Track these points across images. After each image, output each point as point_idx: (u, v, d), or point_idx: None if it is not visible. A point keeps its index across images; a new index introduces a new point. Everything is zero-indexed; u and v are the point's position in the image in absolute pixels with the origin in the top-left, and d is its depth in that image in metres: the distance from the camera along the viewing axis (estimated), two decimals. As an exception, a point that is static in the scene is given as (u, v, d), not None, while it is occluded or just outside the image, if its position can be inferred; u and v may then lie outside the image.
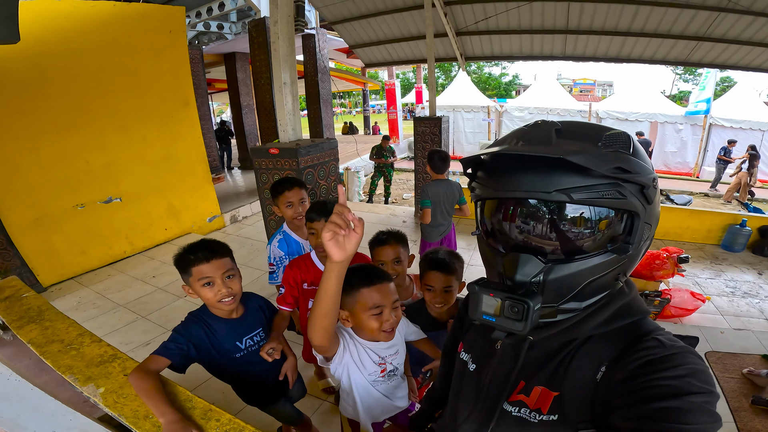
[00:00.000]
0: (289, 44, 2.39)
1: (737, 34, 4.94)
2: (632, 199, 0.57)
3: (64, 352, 1.27)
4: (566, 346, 0.65)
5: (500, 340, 0.72)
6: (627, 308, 0.64)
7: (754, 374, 2.49)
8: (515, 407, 0.68)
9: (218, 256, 1.30)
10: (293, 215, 1.89)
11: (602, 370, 0.60)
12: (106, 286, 4.00)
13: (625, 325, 0.63)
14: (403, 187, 9.87)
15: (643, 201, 0.58)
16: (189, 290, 1.32)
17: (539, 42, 6.33)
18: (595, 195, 0.55)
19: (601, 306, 0.63)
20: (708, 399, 0.50)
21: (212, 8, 6.80)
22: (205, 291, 1.29)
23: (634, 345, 0.59)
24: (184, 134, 5.21)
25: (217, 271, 1.29)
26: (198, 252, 1.28)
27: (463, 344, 0.87)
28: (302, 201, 1.91)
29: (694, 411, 0.49)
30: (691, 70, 26.60)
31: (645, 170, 0.58)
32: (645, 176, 0.57)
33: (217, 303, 1.31)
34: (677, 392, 0.50)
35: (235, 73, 9.07)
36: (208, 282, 1.28)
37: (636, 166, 0.57)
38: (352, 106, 43.08)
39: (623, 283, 0.67)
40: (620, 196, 0.56)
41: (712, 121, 10.24)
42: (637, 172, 0.56)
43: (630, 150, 0.58)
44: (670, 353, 0.55)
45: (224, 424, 0.95)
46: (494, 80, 32.45)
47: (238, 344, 1.40)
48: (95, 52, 4.06)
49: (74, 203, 4.14)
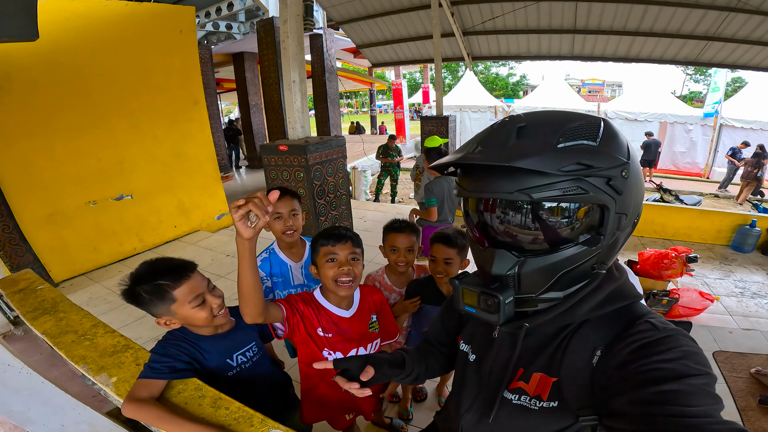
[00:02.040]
0: (298, 43, 2.41)
1: (747, 34, 4.89)
2: (597, 192, 0.56)
3: (77, 343, 1.30)
4: (561, 332, 0.67)
5: (497, 328, 0.74)
6: (618, 292, 0.66)
7: (762, 374, 2.47)
8: (515, 395, 0.69)
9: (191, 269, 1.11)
10: (282, 229, 1.57)
11: (597, 355, 0.61)
12: (117, 282, 4.05)
13: (618, 309, 0.64)
14: (409, 187, 9.86)
15: (611, 192, 0.57)
16: (168, 321, 1.09)
17: (546, 42, 6.31)
18: (556, 192, 0.56)
19: (593, 291, 0.64)
20: (707, 381, 0.51)
21: (221, 8, 6.87)
22: (198, 311, 1.09)
23: (627, 329, 0.60)
24: (194, 133, 5.26)
25: (202, 285, 1.11)
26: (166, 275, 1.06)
27: (462, 336, 0.88)
28: (293, 213, 1.58)
29: (696, 393, 0.49)
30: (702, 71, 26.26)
31: (612, 161, 0.57)
32: (610, 168, 0.56)
33: (214, 319, 1.14)
34: (675, 375, 0.51)
35: (244, 72, 9.15)
36: (201, 302, 1.09)
37: (599, 159, 0.56)
38: (359, 106, 43.15)
39: (615, 269, 0.69)
40: (582, 192, 0.56)
41: (722, 121, 10.10)
42: (598, 166, 0.56)
43: (597, 140, 0.57)
44: (663, 336, 0.56)
45: (233, 412, 0.97)
46: (501, 80, 32.30)
47: (229, 362, 1.21)
48: (108, 52, 4.13)
49: (86, 200, 4.21)
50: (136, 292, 1.04)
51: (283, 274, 1.66)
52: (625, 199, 0.59)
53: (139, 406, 0.97)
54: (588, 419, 0.63)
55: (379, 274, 1.83)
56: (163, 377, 1.05)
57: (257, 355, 1.29)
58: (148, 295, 1.04)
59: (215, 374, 1.17)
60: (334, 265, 1.22)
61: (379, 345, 1.45)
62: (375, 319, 1.44)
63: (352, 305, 1.35)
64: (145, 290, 1.03)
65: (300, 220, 1.61)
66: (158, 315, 1.08)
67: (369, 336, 1.39)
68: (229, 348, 1.22)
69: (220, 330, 1.20)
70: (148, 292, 1.03)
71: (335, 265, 1.22)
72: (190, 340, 1.15)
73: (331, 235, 1.26)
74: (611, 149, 0.58)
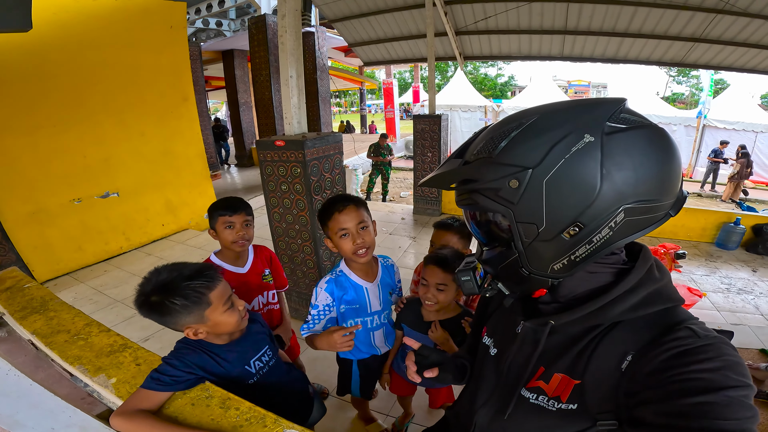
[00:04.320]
0: (296, 38, 2.38)
1: (733, 36, 5.00)
2: (487, 203, 0.60)
3: (71, 343, 1.24)
4: (590, 332, 0.63)
5: (522, 323, 0.72)
6: (657, 294, 0.61)
7: (753, 368, 2.53)
8: (533, 394, 0.67)
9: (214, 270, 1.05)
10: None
11: (628, 360, 0.57)
12: (103, 281, 3.95)
13: (655, 312, 0.60)
14: (400, 186, 9.88)
15: (503, 202, 0.58)
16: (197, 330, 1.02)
17: (538, 42, 6.36)
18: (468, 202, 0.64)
19: (629, 290, 0.60)
20: (746, 393, 0.48)
21: (212, 5, 6.78)
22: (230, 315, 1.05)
23: (664, 334, 0.56)
24: (183, 130, 5.17)
25: (228, 288, 1.07)
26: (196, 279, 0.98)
27: (487, 328, 0.87)
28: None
29: (733, 405, 0.46)
30: (685, 72, 26.95)
31: (499, 172, 0.57)
32: (494, 180, 0.57)
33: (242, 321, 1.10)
34: (714, 386, 0.47)
35: (233, 70, 9.03)
36: (231, 305, 1.05)
37: (486, 172, 0.58)
38: (348, 105, 43.02)
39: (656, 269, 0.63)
40: (473, 203, 0.63)
41: (705, 122, 10.38)
42: (480, 179, 0.59)
43: (496, 150, 0.58)
44: (705, 344, 0.52)
45: (244, 413, 0.92)
46: (490, 81, 32.58)
47: (248, 369, 1.17)
48: (96, 47, 4.02)
49: (71, 198, 4.09)
50: (160, 301, 0.95)
51: (360, 300, 1.46)
52: (528, 207, 0.57)
53: (131, 419, 0.89)
54: (606, 424, 0.60)
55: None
56: (167, 389, 0.97)
57: (273, 359, 1.25)
58: (181, 300, 0.95)
59: (236, 383, 1.11)
60: (232, 231, 1.55)
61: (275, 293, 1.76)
62: (268, 272, 1.72)
63: (246, 263, 1.66)
64: (176, 296, 0.95)
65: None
66: (186, 324, 1.00)
67: (264, 286, 1.70)
68: (245, 355, 1.17)
69: (234, 336, 1.15)
70: (181, 297, 0.95)
71: (233, 231, 1.55)
72: (207, 349, 1.08)
73: (228, 206, 1.56)
74: (510, 158, 0.56)
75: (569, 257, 0.58)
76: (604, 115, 0.54)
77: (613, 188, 0.53)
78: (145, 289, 0.96)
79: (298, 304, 3.09)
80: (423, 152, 5.79)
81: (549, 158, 0.53)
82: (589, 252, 0.57)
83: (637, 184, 0.53)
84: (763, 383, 2.45)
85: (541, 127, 0.55)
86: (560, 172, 0.53)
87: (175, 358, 1.03)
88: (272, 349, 1.27)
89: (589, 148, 0.52)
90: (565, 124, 0.54)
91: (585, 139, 0.52)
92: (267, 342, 1.26)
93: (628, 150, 0.52)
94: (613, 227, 0.55)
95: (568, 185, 0.54)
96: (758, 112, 10.44)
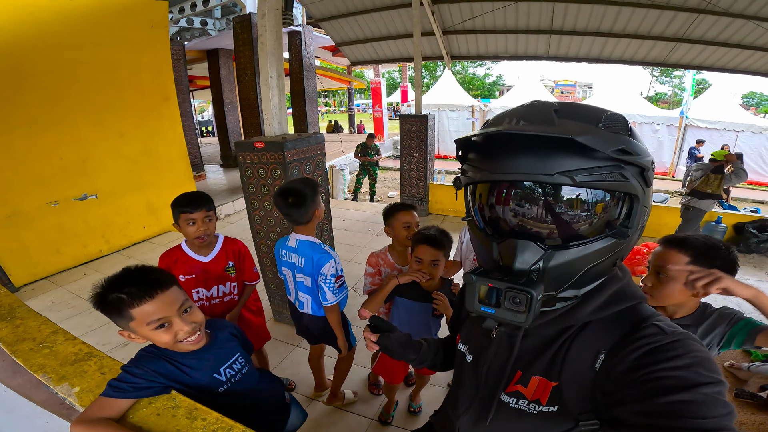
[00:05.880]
0: (276, 38, 2.34)
1: (715, 36, 5.10)
2: (633, 181, 0.55)
3: (36, 351, 1.20)
4: (562, 334, 0.63)
5: (494, 329, 0.71)
6: (622, 293, 0.62)
7: (736, 367, 2.54)
8: (513, 398, 0.67)
9: (164, 286, 0.99)
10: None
11: (601, 359, 0.58)
12: (82, 285, 3.86)
13: (621, 310, 0.61)
14: (388, 186, 9.86)
15: (643, 184, 0.57)
16: (131, 335, 0.99)
17: (524, 42, 6.41)
18: (598, 177, 0.53)
19: (595, 291, 0.61)
20: (719, 389, 0.48)
21: (196, 4, 6.66)
22: (158, 334, 0.98)
23: (633, 332, 0.57)
24: (165, 130, 5.08)
25: (171, 308, 0.98)
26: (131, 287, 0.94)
27: (460, 336, 0.86)
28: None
29: (708, 403, 0.46)
30: (668, 72, 27.50)
31: (645, 152, 0.57)
32: (645, 159, 0.56)
33: (179, 344, 1.02)
34: (687, 384, 0.48)
35: (218, 69, 8.89)
36: (161, 324, 0.97)
37: (637, 148, 0.55)
38: (337, 105, 42.89)
39: (618, 269, 0.66)
40: (622, 179, 0.54)
41: (687, 122, 10.59)
42: (638, 154, 0.55)
43: (629, 132, 0.57)
44: (672, 340, 0.53)
45: (211, 423, 0.89)
46: (478, 80, 32.83)
47: (217, 377, 1.12)
48: (74, 46, 3.92)
49: (47, 200, 3.98)
50: (102, 299, 0.93)
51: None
52: (650, 193, 0.59)
53: (92, 427, 0.87)
54: (588, 424, 0.60)
55: (383, 252, 1.95)
56: (125, 396, 0.93)
57: (245, 367, 1.21)
58: (107, 305, 0.93)
59: (204, 392, 1.08)
60: (194, 227, 1.65)
61: (238, 285, 1.87)
62: (232, 264, 1.82)
63: (211, 253, 1.77)
64: (107, 299, 0.93)
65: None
66: (120, 327, 0.98)
67: (225, 277, 1.80)
68: (214, 363, 1.13)
69: (199, 345, 1.10)
70: (108, 302, 0.93)
71: (195, 227, 1.65)
72: (168, 357, 1.04)
73: (189, 203, 1.64)
74: (640, 142, 0.57)
75: None
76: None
77: None
78: (101, 282, 0.96)
79: (281, 306, 3.05)
80: (409, 152, 5.78)
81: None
82: None
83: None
84: (746, 383, 2.47)
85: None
86: None
87: (133, 365, 1.00)
88: (244, 356, 1.23)
89: None
90: None
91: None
92: (238, 349, 1.22)
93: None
94: None
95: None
96: (739, 112, 10.70)
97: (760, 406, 2.29)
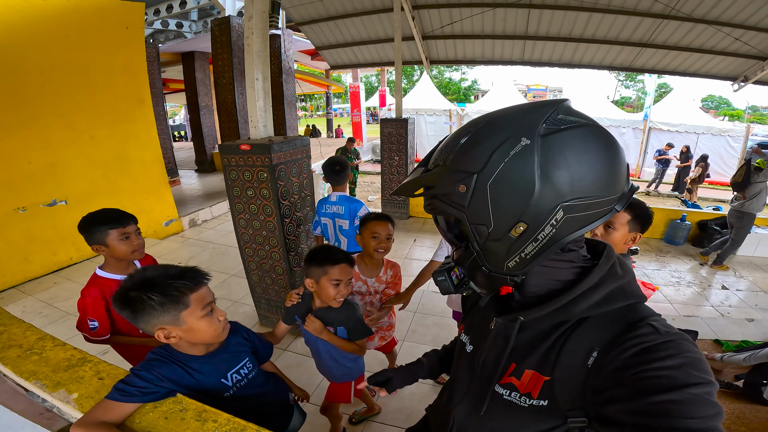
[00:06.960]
0: (263, 40, 2.33)
1: (677, 41, 5.39)
2: (444, 207, 0.63)
3: (24, 358, 1.15)
4: (557, 329, 0.64)
5: (494, 320, 0.74)
6: (620, 291, 0.63)
7: (709, 358, 2.64)
8: (506, 390, 0.68)
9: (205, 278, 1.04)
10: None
11: (593, 356, 0.59)
12: (53, 294, 3.69)
13: (619, 309, 0.61)
14: (368, 190, 9.88)
15: (456, 206, 0.61)
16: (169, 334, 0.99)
17: (500, 47, 6.60)
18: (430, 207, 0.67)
19: (593, 287, 0.62)
20: (709, 389, 0.48)
21: (172, 6, 6.50)
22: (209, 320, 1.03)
23: (627, 331, 0.57)
24: (139, 134, 4.92)
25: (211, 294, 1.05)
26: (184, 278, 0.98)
27: (464, 326, 0.89)
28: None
29: (697, 403, 0.47)
30: (632, 77, 28.80)
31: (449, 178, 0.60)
32: (445, 186, 0.61)
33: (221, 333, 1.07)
34: (677, 384, 0.48)
35: (194, 72, 8.68)
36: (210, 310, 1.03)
37: (439, 179, 0.62)
38: (314, 109, 42.60)
39: (618, 267, 0.66)
40: (434, 208, 0.65)
41: (651, 125, 11.14)
42: (433, 187, 0.63)
43: (447, 160, 0.61)
44: (666, 340, 0.54)
45: (222, 424, 0.88)
46: (454, 85, 33.36)
47: (224, 381, 1.13)
48: (43, 47, 3.76)
49: (15, 206, 3.79)
50: (138, 296, 0.93)
51: None
52: (477, 210, 0.59)
53: (92, 431, 0.85)
54: (577, 421, 0.61)
55: None
56: (132, 400, 0.92)
57: (252, 372, 1.22)
58: (159, 297, 0.93)
59: (209, 396, 1.07)
60: (129, 242, 1.57)
61: None
62: None
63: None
64: (155, 292, 0.93)
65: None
66: (159, 324, 0.96)
67: None
68: (222, 367, 1.14)
69: (211, 348, 1.11)
70: (160, 294, 0.93)
71: (130, 242, 1.57)
72: (179, 361, 1.04)
73: (118, 218, 1.56)
74: (460, 164, 0.59)
75: (520, 255, 0.60)
76: (540, 118, 0.56)
77: (551, 187, 0.54)
78: (126, 284, 0.96)
79: (267, 311, 3.01)
80: (390, 156, 5.83)
81: (491, 163, 0.56)
82: (537, 249, 0.59)
83: (572, 182, 0.54)
84: (720, 373, 2.58)
85: (484, 133, 0.58)
86: (501, 175, 0.55)
87: (144, 369, 0.99)
88: (252, 362, 1.24)
89: (525, 150, 0.54)
90: (505, 129, 0.57)
91: (522, 143, 0.54)
92: (247, 354, 1.22)
93: (563, 150, 0.54)
94: (554, 225, 0.56)
95: (508, 187, 0.56)
96: (699, 115, 11.34)
97: (737, 395, 2.37)
